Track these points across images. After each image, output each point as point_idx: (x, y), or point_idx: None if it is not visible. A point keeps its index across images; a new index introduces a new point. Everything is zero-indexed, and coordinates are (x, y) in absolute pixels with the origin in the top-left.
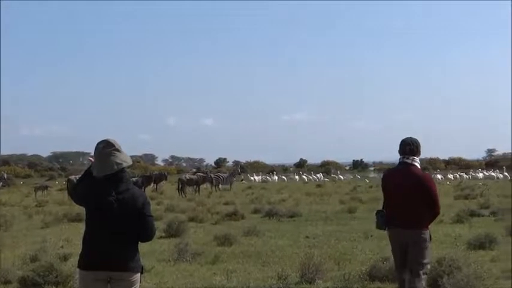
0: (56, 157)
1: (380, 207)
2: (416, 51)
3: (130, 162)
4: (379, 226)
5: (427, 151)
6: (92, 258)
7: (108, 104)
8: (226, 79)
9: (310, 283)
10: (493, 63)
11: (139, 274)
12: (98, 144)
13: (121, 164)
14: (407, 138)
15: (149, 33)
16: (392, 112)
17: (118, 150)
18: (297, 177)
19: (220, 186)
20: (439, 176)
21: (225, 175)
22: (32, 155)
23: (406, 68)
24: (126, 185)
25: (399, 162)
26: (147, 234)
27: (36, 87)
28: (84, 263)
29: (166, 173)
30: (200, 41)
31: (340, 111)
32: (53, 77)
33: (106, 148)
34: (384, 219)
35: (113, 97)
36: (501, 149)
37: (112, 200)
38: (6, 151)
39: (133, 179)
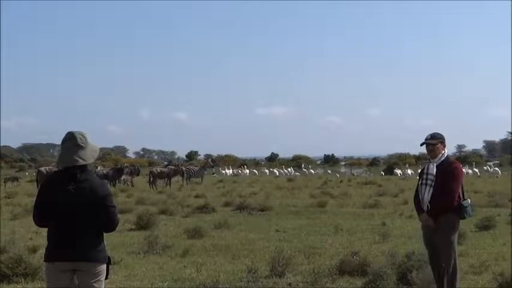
0: (26, 148)
1: (349, 202)
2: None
3: (90, 160)
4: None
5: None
6: (56, 249)
7: (80, 96)
8: (199, 72)
9: (279, 277)
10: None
11: (104, 265)
12: (65, 135)
13: (78, 160)
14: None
15: (124, 23)
16: (364, 107)
17: (80, 145)
18: (266, 171)
19: (191, 179)
20: (409, 171)
21: (196, 168)
22: (1, 146)
23: (376, 63)
24: (85, 175)
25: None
26: (109, 225)
27: (6, 78)
28: (49, 255)
29: (138, 166)
30: (172, 32)
31: (312, 105)
32: (24, 69)
33: (69, 141)
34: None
35: (84, 89)
36: (470, 145)
37: (70, 189)
38: None
39: (104, 171)
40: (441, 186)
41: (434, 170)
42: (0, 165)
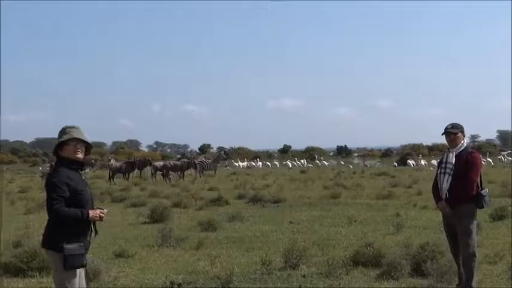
0: (39, 143)
1: (362, 193)
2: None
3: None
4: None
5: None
6: None
7: (93, 90)
8: (211, 65)
9: (294, 268)
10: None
11: (53, 253)
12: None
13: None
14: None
15: (136, 19)
16: (376, 98)
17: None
18: (276, 163)
19: (204, 172)
20: (422, 162)
21: (209, 161)
22: (15, 141)
23: (388, 54)
24: (51, 167)
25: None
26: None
27: (19, 73)
28: None
29: (149, 159)
30: (185, 26)
31: (324, 97)
32: (37, 64)
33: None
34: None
35: (97, 83)
36: (484, 135)
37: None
38: None
39: (117, 164)
40: (460, 175)
41: (454, 159)
42: (14, 160)
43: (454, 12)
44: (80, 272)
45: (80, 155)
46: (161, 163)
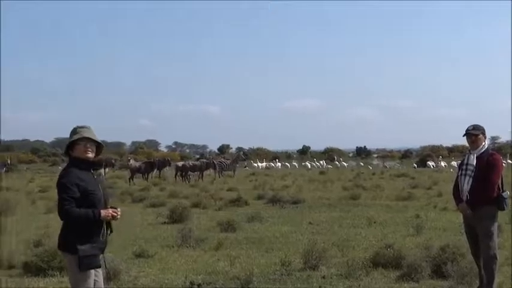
0: (59, 143)
1: (382, 194)
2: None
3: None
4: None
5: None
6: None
7: (112, 90)
8: (230, 65)
9: (313, 269)
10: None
11: (68, 254)
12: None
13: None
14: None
15: (154, 20)
16: (395, 99)
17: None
18: (295, 164)
19: (223, 172)
20: (442, 164)
21: (229, 161)
22: (35, 141)
23: (407, 55)
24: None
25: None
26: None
27: (41, 72)
28: None
29: (169, 159)
30: (204, 27)
31: (343, 98)
32: (57, 64)
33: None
34: None
35: (117, 83)
36: (505, 137)
37: None
38: (9, 137)
39: (137, 164)
40: (481, 177)
41: (475, 161)
42: (34, 159)
43: (484, 11)
44: (97, 272)
45: (90, 155)
46: (181, 163)
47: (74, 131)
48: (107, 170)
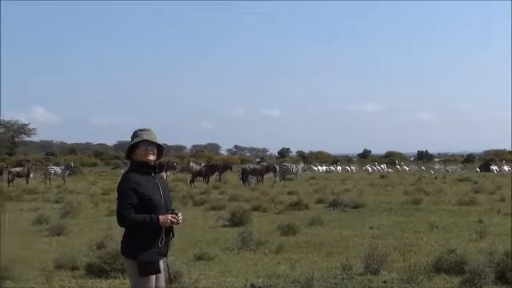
0: (121, 146)
1: (444, 199)
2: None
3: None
4: None
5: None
6: None
7: (175, 93)
8: (290, 70)
9: (374, 274)
10: None
11: (128, 260)
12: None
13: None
14: None
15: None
16: (456, 102)
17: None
18: (352, 167)
19: (286, 176)
20: (506, 168)
21: (294, 165)
22: (97, 144)
23: (469, 58)
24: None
25: None
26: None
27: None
28: None
29: (230, 163)
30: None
31: (405, 102)
32: (119, 69)
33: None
34: None
35: (180, 87)
36: None
37: None
38: (72, 140)
39: (198, 167)
40: None
41: None
42: (96, 162)
43: None
44: (158, 277)
45: (151, 157)
46: (252, 166)
47: (135, 134)
48: (168, 173)
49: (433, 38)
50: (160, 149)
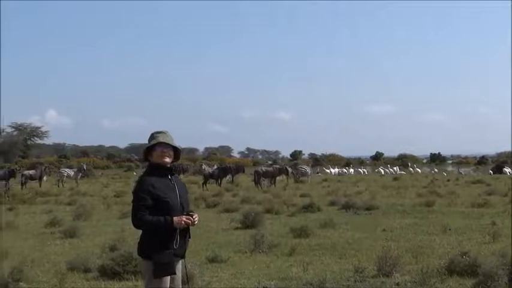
0: (133, 148)
1: (457, 201)
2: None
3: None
4: None
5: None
6: None
7: (186, 96)
8: (301, 71)
9: (387, 276)
10: None
11: (144, 261)
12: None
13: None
14: None
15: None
16: (469, 105)
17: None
18: (364, 170)
19: (300, 178)
20: None
21: (308, 168)
22: (109, 147)
23: (483, 60)
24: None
25: None
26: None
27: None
28: None
29: (243, 166)
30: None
31: (417, 103)
32: (130, 71)
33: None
34: None
35: (191, 89)
36: None
37: None
38: (85, 143)
39: (210, 170)
40: None
41: None
42: (109, 165)
43: None
44: (174, 278)
45: (168, 159)
46: (264, 168)
47: (152, 137)
48: (180, 176)
49: (447, 38)
50: (177, 151)
